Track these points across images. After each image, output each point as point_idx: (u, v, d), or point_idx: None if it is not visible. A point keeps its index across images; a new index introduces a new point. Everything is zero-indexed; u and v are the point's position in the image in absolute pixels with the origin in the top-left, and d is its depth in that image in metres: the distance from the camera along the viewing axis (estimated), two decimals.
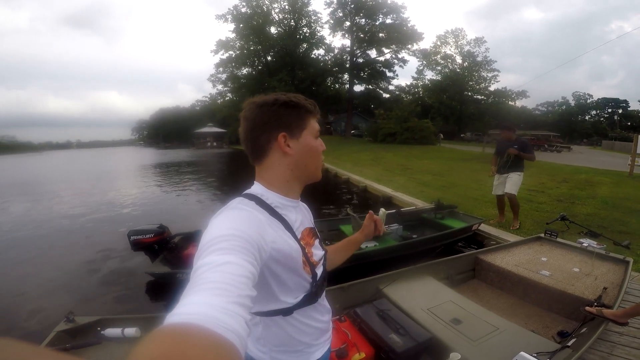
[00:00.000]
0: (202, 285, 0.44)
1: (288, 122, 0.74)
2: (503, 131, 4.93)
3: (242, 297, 0.44)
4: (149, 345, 0.29)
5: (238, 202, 0.73)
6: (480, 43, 41.23)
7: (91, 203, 8.60)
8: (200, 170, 17.31)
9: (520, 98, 43.71)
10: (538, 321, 2.46)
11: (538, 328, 2.36)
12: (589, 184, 8.70)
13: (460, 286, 2.94)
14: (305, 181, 0.83)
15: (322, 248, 0.90)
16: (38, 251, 5.00)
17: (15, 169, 22.64)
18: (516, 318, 2.44)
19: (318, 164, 0.82)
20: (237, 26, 33.25)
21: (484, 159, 15.07)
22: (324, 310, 0.89)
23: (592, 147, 37.89)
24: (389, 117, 26.83)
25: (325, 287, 0.89)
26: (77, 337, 1.90)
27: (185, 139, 57.05)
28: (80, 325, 1.93)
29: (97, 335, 1.86)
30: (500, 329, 1.90)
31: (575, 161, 15.19)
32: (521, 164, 4.69)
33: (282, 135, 0.74)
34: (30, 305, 3.31)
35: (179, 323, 0.35)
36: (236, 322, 0.38)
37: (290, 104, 0.74)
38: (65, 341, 1.83)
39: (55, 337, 1.83)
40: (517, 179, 4.68)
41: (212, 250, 0.52)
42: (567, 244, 3.24)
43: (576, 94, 60.28)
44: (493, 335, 1.84)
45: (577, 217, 5.25)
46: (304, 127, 0.76)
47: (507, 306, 2.66)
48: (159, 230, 3.49)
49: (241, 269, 0.49)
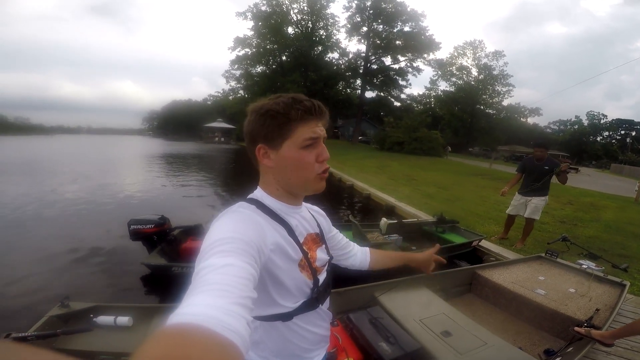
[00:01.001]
0: (204, 287, 0.45)
1: (266, 132, 0.71)
2: (537, 149, 4.44)
3: (244, 298, 0.46)
4: (152, 346, 0.29)
5: (239, 206, 0.74)
6: (499, 57, 40.72)
7: (92, 189, 8.65)
8: (206, 165, 17.49)
9: (533, 115, 43.30)
10: (526, 338, 2.48)
11: (526, 345, 2.38)
12: (593, 207, 8.67)
13: (454, 299, 2.96)
14: (296, 192, 0.78)
15: (328, 254, 0.89)
16: (33, 234, 4.96)
17: (24, 150, 23.05)
18: (506, 334, 2.47)
19: (306, 176, 0.73)
20: (255, 24, 33.47)
21: (491, 175, 15.03)
22: (325, 316, 0.88)
23: (601, 170, 37.41)
24: (398, 125, 26.79)
25: (328, 294, 0.88)
26: (69, 322, 1.91)
27: (194, 132, 57.57)
28: (74, 311, 1.94)
29: (89, 322, 1.86)
30: (489, 344, 1.91)
31: (582, 183, 15.05)
32: (547, 187, 4.41)
33: (259, 147, 0.72)
34: (23, 289, 3.29)
35: (182, 323, 0.36)
36: (238, 323, 0.39)
37: (270, 113, 0.70)
38: (57, 326, 1.83)
39: (48, 321, 1.83)
40: (541, 205, 4.44)
41: (214, 253, 0.53)
42: (567, 265, 3.26)
43: (590, 114, 59.73)
44: (481, 350, 1.86)
45: (579, 238, 5.25)
46: (286, 137, 0.70)
47: (498, 322, 2.68)
48: (159, 221, 3.44)
49: (242, 271, 0.51)
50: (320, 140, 0.74)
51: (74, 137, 57.03)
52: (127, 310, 1.97)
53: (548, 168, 4.31)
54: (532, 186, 4.40)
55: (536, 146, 4.51)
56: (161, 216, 3.56)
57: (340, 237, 1.04)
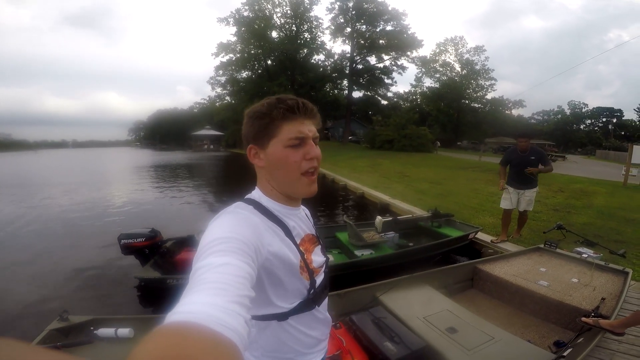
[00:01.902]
0: (201, 286, 0.44)
1: (254, 133, 0.74)
2: (521, 139, 4.31)
3: (241, 296, 0.45)
4: (149, 344, 0.29)
5: (236, 206, 0.73)
6: (480, 52, 41.61)
7: (82, 204, 8.48)
8: (196, 174, 17.24)
9: (517, 107, 44.29)
10: (534, 331, 2.45)
11: (534, 338, 2.35)
12: (584, 193, 8.78)
13: (457, 295, 2.94)
14: (288, 194, 0.78)
15: (324, 255, 0.89)
16: (26, 251, 4.92)
17: (7, 167, 22.36)
18: (512, 328, 2.43)
19: (292, 175, 0.73)
20: (238, 29, 33.27)
21: (481, 167, 15.17)
22: (323, 321, 0.86)
23: (587, 156, 38.22)
24: (386, 123, 26.90)
25: (326, 296, 0.87)
26: (69, 335, 1.89)
27: (182, 141, 56.99)
28: (74, 324, 1.92)
29: (90, 335, 1.84)
30: (496, 338, 1.89)
31: (570, 171, 15.32)
32: (536, 178, 4.34)
33: (250, 147, 0.75)
34: (21, 305, 3.30)
35: (179, 322, 0.35)
36: (236, 321, 0.39)
37: (256, 114, 0.73)
38: (58, 339, 1.81)
39: (48, 335, 1.82)
40: (534, 196, 4.38)
41: (211, 252, 0.53)
42: (567, 255, 3.25)
43: (572, 103, 60.92)
44: (488, 345, 1.83)
45: (574, 226, 5.27)
46: (272, 136, 0.71)
47: (503, 316, 2.65)
48: (150, 234, 3.42)
49: (239, 269, 0.50)
50: (308, 139, 0.73)
51: (60, 152, 55.76)
52: (127, 321, 1.93)
53: (534, 158, 4.19)
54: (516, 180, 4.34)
55: (519, 136, 4.36)
56: (152, 229, 3.54)
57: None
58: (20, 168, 21.52)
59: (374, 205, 8.37)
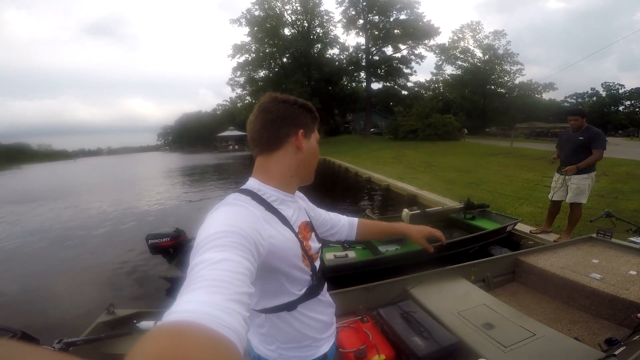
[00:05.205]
0: (199, 283, 0.44)
1: (305, 122, 0.81)
2: (571, 117, 3.75)
3: (240, 294, 0.44)
4: (147, 344, 0.29)
5: (233, 198, 0.73)
6: (500, 36, 39.77)
7: (123, 208, 8.99)
8: (223, 174, 17.67)
9: (548, 90, 41.86)
10: (583, 327, 2.24)
11: (583, 335, 2.15)
12: (631, 177, 8.07)
13: (497, 289, 2.76)
14: (302, 180, 0.86)
15: (318, 241, 0.92)
16: (68, 253, 5.26)
17: (56, 176, 24.11)
18: (558, 324, 2.26)
19: (315, 165, 0.88)
20: (251, 29, 33.63)
21: (514, 153, 14.41)
22: (327, 304, 0.90)
23: (629, 138, 35.48)
24: (409, 113, 26.25)
25: (325, 280, 0.90)
26: (115, 328, 1.98)
27: (209, 143, 58.60)
28: (119, 317, 2.01)
29: (132, 327, 1.90)
30: (538, 335, 1.74)
31: (612, 153, 14.16)
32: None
33: (301, 131, 0.79)
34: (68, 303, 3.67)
35: (177, 321, 0.35)
36: (234, 320, 0.38)
37: (307, 107, 0.82)
38: (104, 331, 1.88)
39: (96, 327, 1.91)
40: (585, 184, 3.69)
41: (209, 248, 0.52)
42: (623, 245, 2.92)
43: (606, 84, 57.28)
44: (529, 342, 1.70)
45: (623, 213, 4.81)
46: (313, 131, 0.84)
47: (549, 311, 2.45)
48: (174, 233, 3.52)
49: (238, 265, 0.49)
50: None
51: (97, 159, 59.29)
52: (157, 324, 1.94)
53: (582, 138, 3.61)
54: (566, 164, 3.77)
55: (569, 114, 3.82)
56: (176, 229, 3.64)
57: (321, 212, 1.07)
58: (66, 176, 23.23)
59: (401, 198, 8.14)
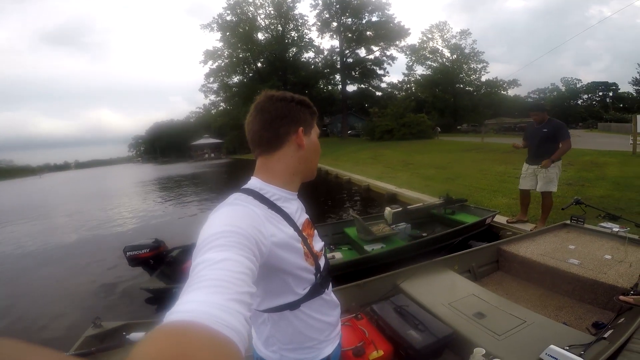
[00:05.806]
0: (200, 283, 0.44)
1: (304, 118, 0.79)
2: (532, 113, 4.05)
3: (241, 294, 0.44)
4: (148, 344, 0.28)
5: (235, 198, 0.72)
6: (466, 35, 41.82)
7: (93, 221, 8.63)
8: (199, 183, 17.15)
9: (512, 87, 44.14)
10: (570, 312, 2.30)
11: (570, 320, 2.21)
12: (595, 165, 8.53)
13: (483, 279, 2.82)
14: (305, 176, 0.85)
15: (320, 239, 0.91)
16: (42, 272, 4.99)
17: (17, 193, 22.50)
18: (546, 310, 2.32)
19: (317, 161, 0.87)
20: (223, 35, 33.14)
21: (485, 148, 14.94)
22: (332, 304, 0.87)
23: (589, 130, 37.79)
24: (384, 114, 26.70)
25: (330, 279, 0.88)
26: (104, 341, 1.93)
27: (183, 152, 57.03)
28: (107, 330, 1.98)
29: (122, 339, 1.87)
30: (528, 321, 1.80)
31: (575, 144, 14.96)
32: (551, 152, 3.86)
33: (301, 129, 0.78)
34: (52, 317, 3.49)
35: (178, 321, 0.35)
36: (235, 320, 0.38)
37: (304, 103, 0.81)
38: (93, 345, 1.86)
39: (84, 341, 1.87)
40: (553, 173, 3.87)
41: (210, 248, 0.51)
42: (596, 230, 3.05)
43: (565, 79, 60.66)
44: (520, 329, 1.75)
45: (591, 199, 5.05)
46: (312, 126, 0.82)
47: (535, 298, 2.50)
48: (154, 244, 3.46)
49: (239, 265, 0.49)
50: None
51: (64, 174, 55.92)
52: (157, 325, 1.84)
53: (546, 131, 3.83)
54: (534, 155, 4.00)
55: (530, 110, 4.09)
56: (155, 239, 3.58)
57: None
58: (32, 194, 21.41)
59: (381, 197, 8.20)
